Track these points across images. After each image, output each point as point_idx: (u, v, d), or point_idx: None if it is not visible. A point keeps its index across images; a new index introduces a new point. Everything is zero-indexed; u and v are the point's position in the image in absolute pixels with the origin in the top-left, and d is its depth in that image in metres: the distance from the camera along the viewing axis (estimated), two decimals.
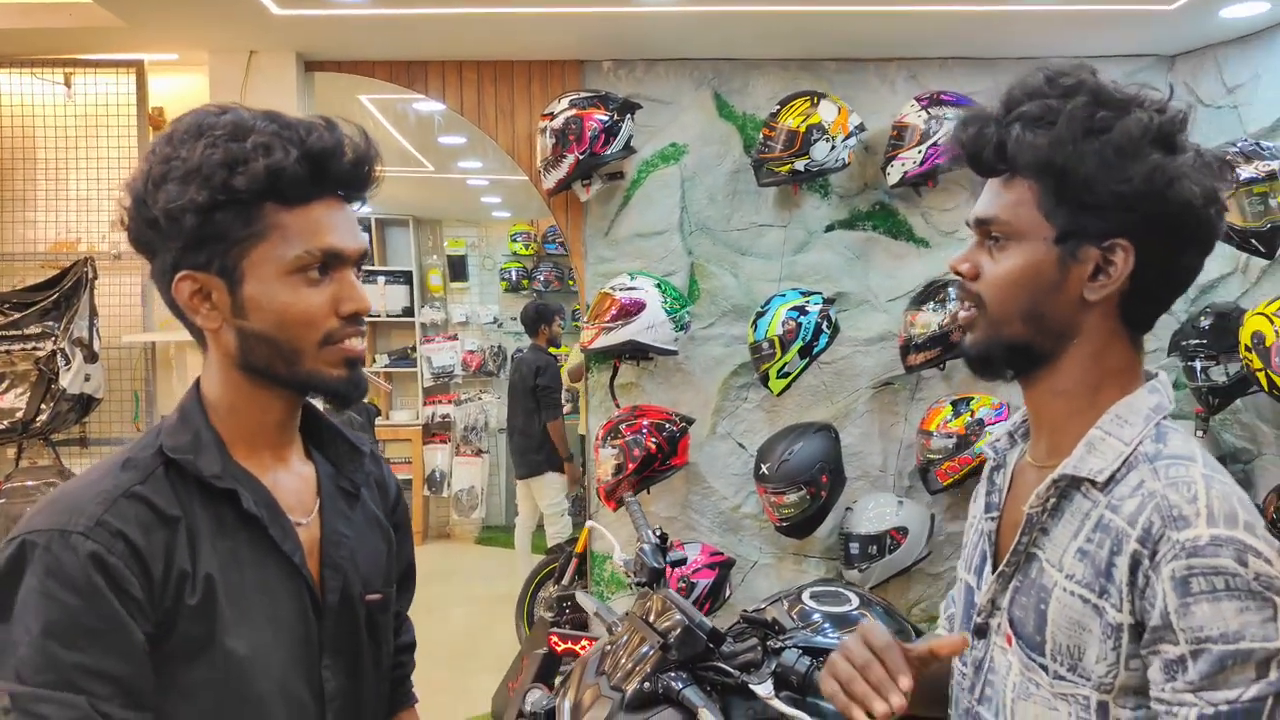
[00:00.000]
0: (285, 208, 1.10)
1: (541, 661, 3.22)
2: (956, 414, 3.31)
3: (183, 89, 3.66)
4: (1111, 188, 1.03)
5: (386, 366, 8.50)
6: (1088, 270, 1.06)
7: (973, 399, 3.33)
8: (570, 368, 6.03)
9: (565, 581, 4.80)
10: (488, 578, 7.01)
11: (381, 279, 8.44)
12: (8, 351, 3.19)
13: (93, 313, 3.28)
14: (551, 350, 6.11)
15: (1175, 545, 0.97)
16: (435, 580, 7.27)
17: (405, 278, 8.47)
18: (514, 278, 8.39)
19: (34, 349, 3.17)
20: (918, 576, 3.54)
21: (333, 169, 1.11)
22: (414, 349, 8.49)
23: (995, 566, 1.15)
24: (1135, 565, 0.99)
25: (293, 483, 1.20)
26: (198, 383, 1.19)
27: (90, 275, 3.28)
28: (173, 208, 1.06)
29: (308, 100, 3.54)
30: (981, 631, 1.16)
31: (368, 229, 8.36)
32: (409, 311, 8.48)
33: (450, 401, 8.36)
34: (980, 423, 3.28)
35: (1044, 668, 1.06)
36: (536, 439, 5.74)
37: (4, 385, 3.17)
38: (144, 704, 1.02)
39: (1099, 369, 1.10)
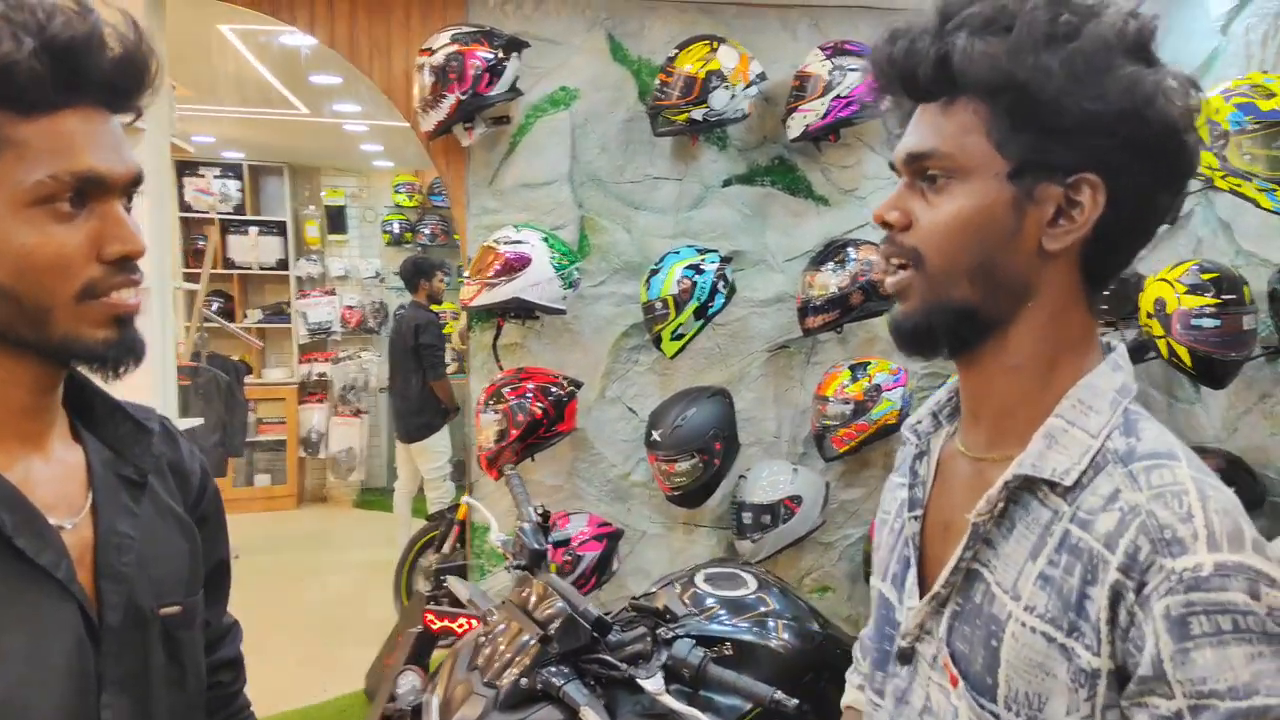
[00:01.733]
0: (22, 117, 0.84)
1: (415, 641, 3.00)
2: (854, 379, 3.19)
3: None
4: (1083, 106, 0.83)
5: (259, 322, 8.07)
6: (1047, 213, 0.87)
7: (870, 363, 3.22)
8: (461, 328, 5.76)
9: (446, 551, 4.59)
10: (366, 544, 6.74)
11: (254, 230, 7.99)
12: None
13: None
14: (433, 307, 5.82)
15: (1170, 576, 0.77)
16: (310, 546, 6.97)
17: (279, 229, 8.04)
18: (397, 230, 8.03)
19: None
20: (810, 546, 3.44)
21: (88, 67, 0.86)
22: (288, 304, 8.06)
23: (922, 579, 0.96)
24: (1116, 599, 0.80)
25: (53, 475, 0.94)
26: None
27: None
28: None
29: (157, 25, 3.17)
30: (906, 657, 0.96)
31: (239, 176, 7.87)
32: (283, 265, 8.04)
33: (328, 360, 7.98)
34: (878, 388, 3.17)
35: (996, 717, 0.86)
36: (416, 401, 5.47)
37: None
38: None
39: (1055, 339, 0.90)
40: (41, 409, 0.94)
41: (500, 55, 3.05)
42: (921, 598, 0.95)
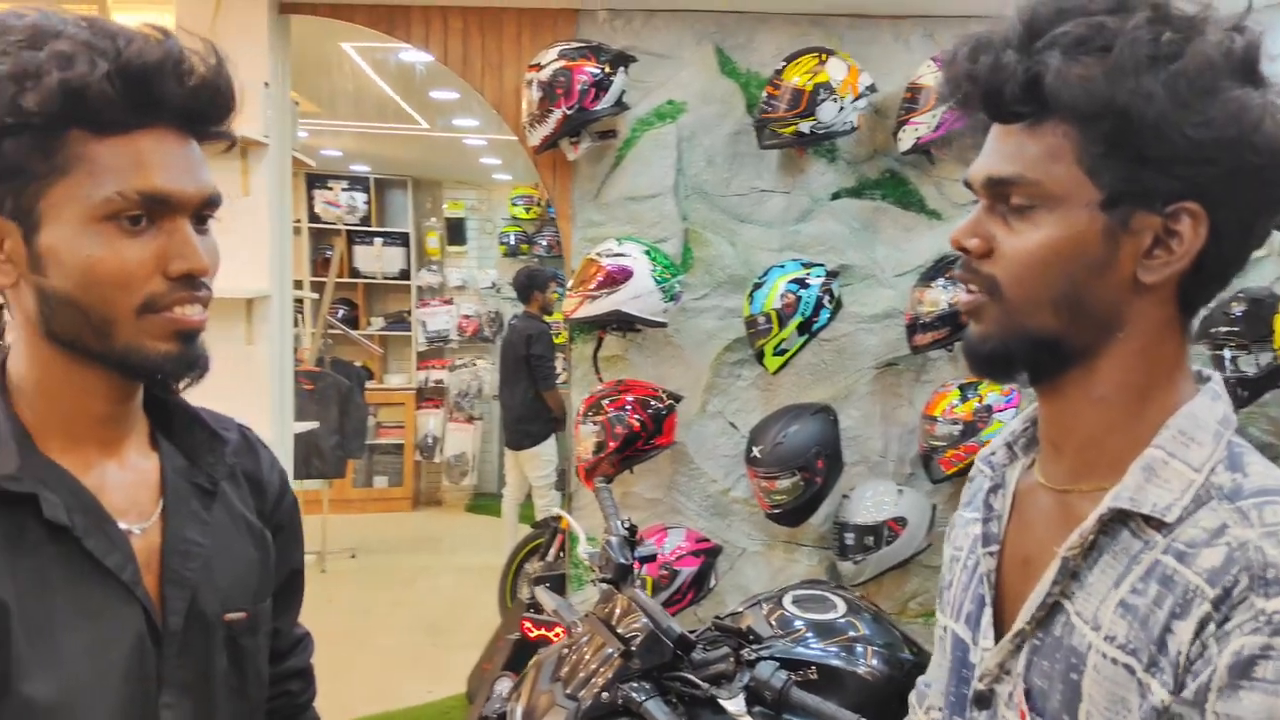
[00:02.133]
0: (97, 137, 0.87)
1: (513, 648, 3.06)
2: (964, 399, 3.09)
3: (178, 28, 3.43)
4: (1187, 133, 0.76)
5: (381, 330, 8.33)
6: (1144, 244, 0.81)
7: (981, 383, 3.11)
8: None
9: (550, 558, 4.63)
10: (476, 548, 6.87)
11: (378, 240, 8.26)
12: None
13: None
14: (545, 318, 5.91)
15: (1258, 616, 0.72)
16: (423, 548, 7.14)
17: (402, 240, 8.28)
18: (513, 242, 8.19)
19: None
20: (915, 569, 3.34)
21: (161, 91, 0.88)
22: (409, 313, 8.31)
23: (999, 618, 0.91)
24: (1200, 630, 0.75)
25: (126, 481, 0.97)
26: (3, 361, 0.96)
27: None
28: None
29: (281, 45, 3.32)
30: (983, 701, 0.91)
31: (365, 189, 8.16)
32: (405, 274, 8.29)
33: (444, 367, 8.18)
34: (989, 409, 3.06)
35: None
36: (524, 409, 5.55)
37: None
38: None
39: (1147, 369, 0.85)
40: (118, 417, 0.97)
41: (607, 70, 3.08)
42: (998, 636, 0.91)
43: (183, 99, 0.90)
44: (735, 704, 1.68)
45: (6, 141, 0.86)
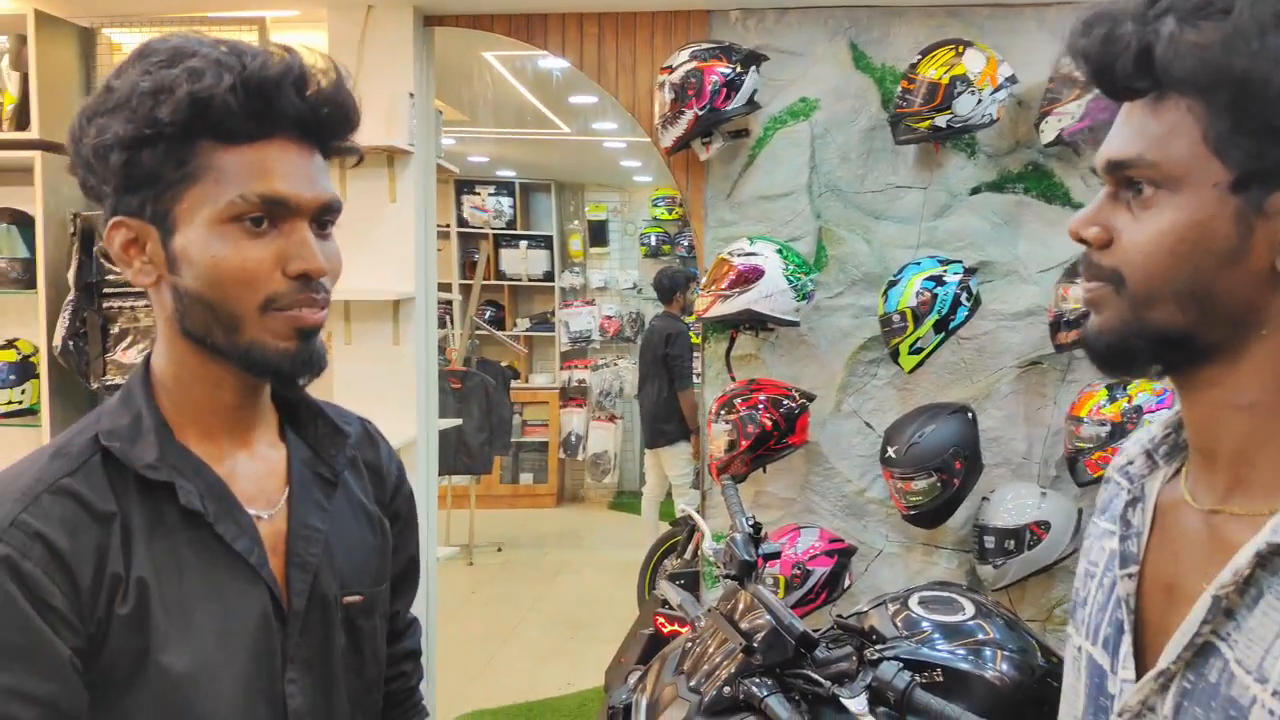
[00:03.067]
0: (224, 146, 0.95)
1: (647, 643, 3.09)
2: (1112, 399, 2.97)
3: (302, 45, 3.63)
4: None
5: (527, 330, 8.55)
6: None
7: (1131, 383, 2.98)
8: None
9: (687, 556, 4.66)
10: (617, 544, 6.98)
11: (524, 243, 8.47)
12: (132, 308, 3.24)
13: None
14: (685, 318, 5.95)
15: None
16: (566, 544, 7.30)
17: (546, 242, 8.47)
18: (654, 243, 8.28)
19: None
20: (1061, 575, 3.22)
21: (280, 103, 0.95)
22: (553, 313, 8.49)
23: (1139, 647, 0.84)
24: None
25: (256, 470, 1.05)
26: (148, 357, 1.04)
27: None
28: (98, 143, 0.93)
29: (426, 56, 3.46)
30: None
31: (511, 193, 8.39)
32: (549, 276, 8.48)
33: (587, 366, 8.33)
34: (1138, 409, 2.93)
35: None
36: (664, 408, 5.61)
37: (128, 340, 3.23)
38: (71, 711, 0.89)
39: None
40: (248, 410, 1.05)
41: (738, 69, 3.09)
42: (1139, 668, 0.83)
43: (302, 111, 0.97)
44: (857, 703, 1.68)
45: (145, 151, 0.94)
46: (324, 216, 1.00)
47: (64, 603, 0.90)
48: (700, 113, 3.07)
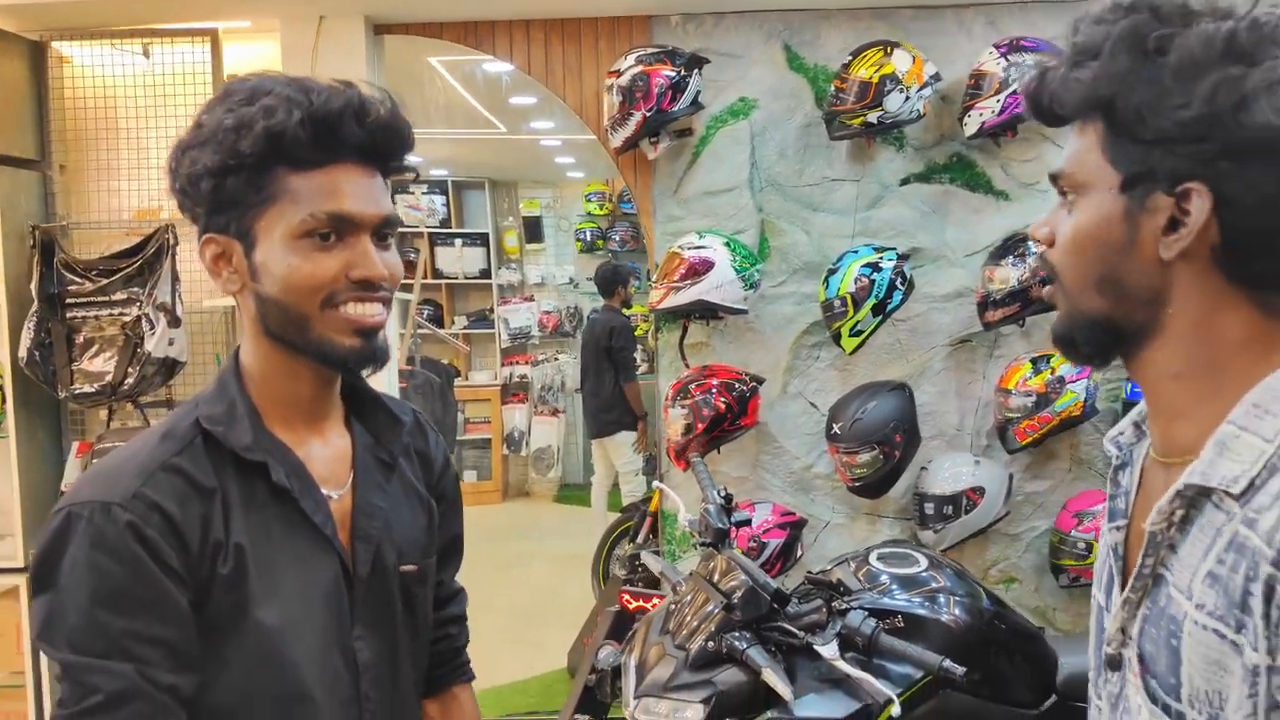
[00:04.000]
0: (295, 172, 1.08)
1: (613, 619, 3.25)
2: (1036, 371, 3.21)
3: (256, 56, 3.71)
4: (1170, 116, 0.84)
5: (465, 328, 8.61)
6: (1160, 222, 0.87)
7: (1053, 356, 3.23)
8: (651, 329, 6.06)
9: (639, 540, 4.83)
10: (564, 535, 7.11)
11: (459, 241, 8.53)
12: (96, 317, 3.29)
13: (175, 278, 3.36)
14: (625, 311, 6.11)
15: None
16: (515, 537, 7.41)
17: (482, 240, 8.55)
18: (589, 238, 8.41)
19: (120, 314, 3.27)
20: (996, 537, 3.47)
21: (343, 132, 1.08)
22: (492, 310, 8.58)
23: (1124, 587, 0.97)
24: (1270, 593, 0.79)
25: (327, 454, 1.20)
26: (237, 351, 1.20)
27: (172, 242, 3.36)
28: (191, 173, 1.08)
29: (377, 63, 3.56)
30: (1114, 663, 0.98)
31: (444, 192, 8.44)
32: (486, 274, 8.56)
33: (527, 362, 8.44)
34: (1061, 380, 3.18)
35: (1180, 716, 0.87)
36: (608, 399, 5.76)
37: (94, 350, 3.28)
38: (191, 666, 1.05)
39: (1210, 343, 0.89)
40: (321, 400, 1.20)
41: (682, 72, 3.26)
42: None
43: (362, 138, 1.10)
44: (829, 649, 1.86)
45: (229, 179, 1.08)
46: (384, 230, 1.14)
47: (178, 562, 1.04)
48: (648, 114, 3.23)
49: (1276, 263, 0.88)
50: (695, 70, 3.30)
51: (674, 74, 3.25)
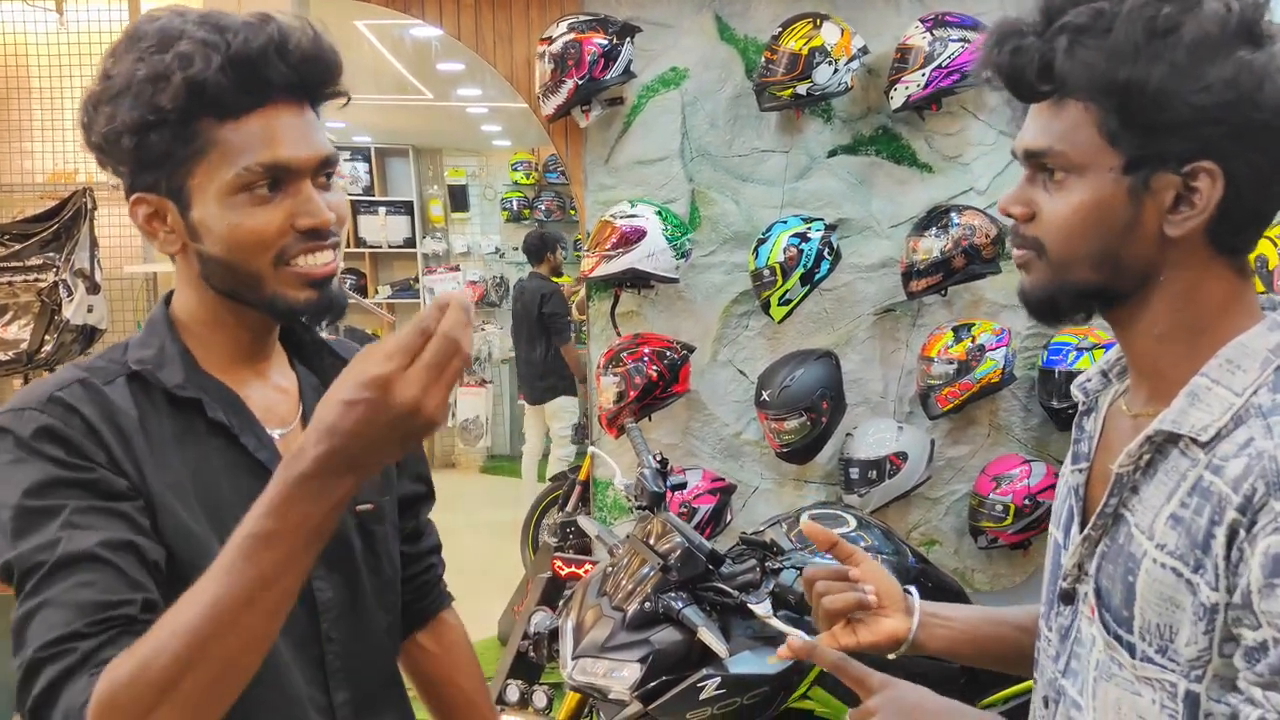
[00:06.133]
0: (222, 121, 1.02)
1: (545, 585, 3.28)
2: (958, 340, 3.31)
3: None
4: (1188, 100, 0.85)
5: (389, 298, 8.50)
6: (1166, 201, 0.89)
7: (974, 324, 3.33)
8: (581, 299, 6.05)
9: (569, 508, 4.86)
10: (493, 505, 7.09)
11: (382, 210, 8.40)
12: (9, 283, 3.19)
13: (93, 244, 3.27)
14: (555, 279, 6.10)
15: (1277, 517, 0.81)
16: (441, 509, 7.30)
17: (406, 208, 8.43)
18: (515, 207, 8.34)
19: (35, 280, 3.17)
20: (917, 501, 3.58)
21: (268, 73, 1.02)
22: (416, 280, 8.48)
23: (1083, 526, 1.01)
24: (1233, 537, 0.84)
25: (270, 396, 1.17)
26: (167, 298, 1.15)
27: (90, 206, 3.27)
28: (108, 131, 1.02)
29: None
30: (1068, 597, 1.03)
31: (367, 159, 8.30)
32: (410, 242, 8.45)
33: None
34: (981, 349, 3.28)
35: (1130, 647, 0.93)
36: (543, 366, 5.76)
37: (7, 317, 3.19)
38: (150, 536, 1.00)
39: (1194, 308, 0.93)
40: (262, 345, 1.17)
41: (614, 41, 3.26)
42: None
43: (289, 75, 1.03)
44: (763, 608, 1.92)
45: (152, 134, 1.01)
46: (324, 170, 1.08)
47: (104, 459, 1.00)
48: (580, 82, 3.23)
49: (1259, 232, 0.93)
50: (627, 39, 3.31)
51: (606, 42, 3.25)
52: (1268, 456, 0.84)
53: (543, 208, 8.29)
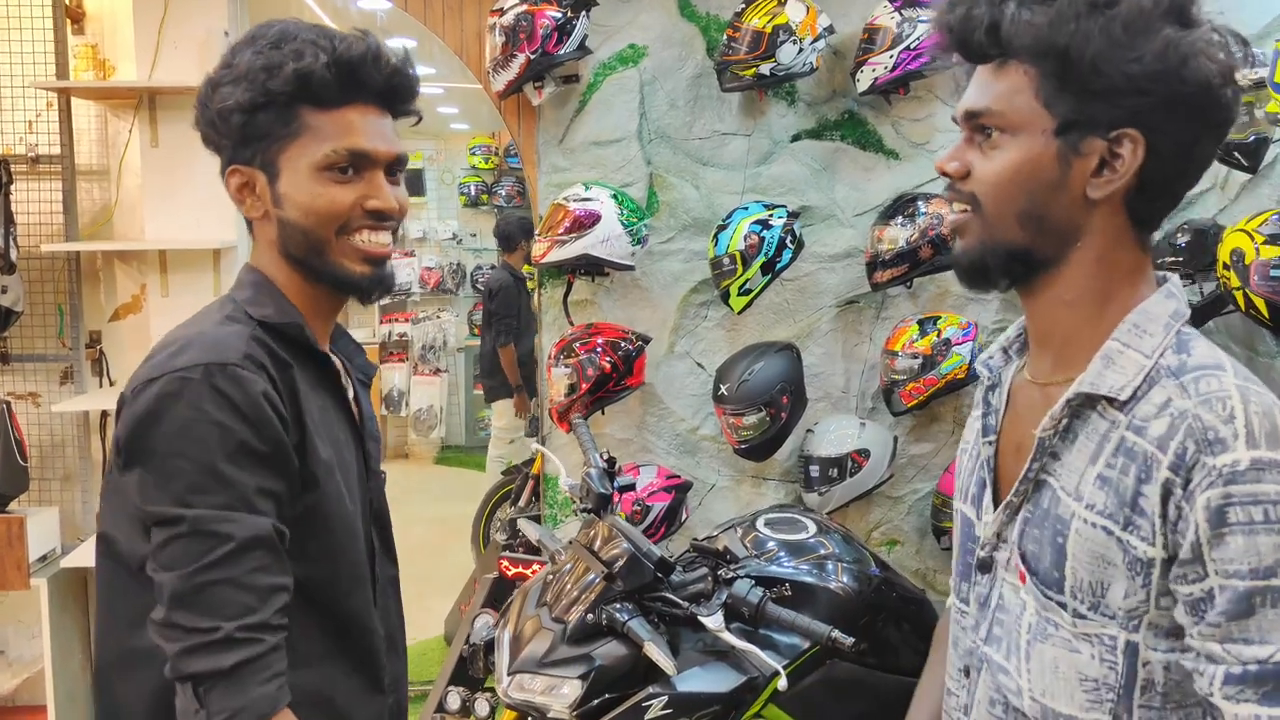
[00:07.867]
0: (318, 110, 1.23)
1: (491, 586, 3.13)
2: (923, 334, 3.19)
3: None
4: (1120, 69, 0.92)
5: None
6: (1091, 165, 0.97)
7: (940, 318, 3.21)
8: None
9: (521, 504, 4.71)
10: (446, 498, 6.93)
11: None
12: None
13: (9, 220, 3.06)
14: (525, 268, 5.92)
15: (1211, 472, 0.89)
16: (393, 500, 7.16)
17: None
18: (473, 192, 8.15)
19: None
20: (879, 500, 3.46)
21: (363, 76, 1.23)
22: None
23: (996, 496, 1.08)
24: (1167, 495, 0.91)
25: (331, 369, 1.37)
26: (250, 268, 1.31)
27: (4, 179, 3.05)
28: (223, 108, 1.22)
29: None
30: (985, 566, 1.08)
31: None
32: None
33: (407, 320, 8.17)
34: (947, 343, 3.16)
35: (1063, 606, 0.98)
36: (490, 363, 5.59)
37: None
38: (289, 515, 1.17)
39: (1107, 274, 1.01)
40: (328, 320, 1.35)
41: (569, 14, 3.09)
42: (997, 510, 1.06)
43: (379, 82, 1.25)
44: (714, 620, 1.78)
45: (260, 114, 1.21)
46: (395, 167, 1.29)
47: (279, 424, 1.16)
48: (532, 56, 3.06)
49: (1168, 205, 1.01)
50: (583, 12, 3.14)
51: (560, 15, 3.08)
52: (1191, 415, 0.91)
53: (503, 193, 8.10)
